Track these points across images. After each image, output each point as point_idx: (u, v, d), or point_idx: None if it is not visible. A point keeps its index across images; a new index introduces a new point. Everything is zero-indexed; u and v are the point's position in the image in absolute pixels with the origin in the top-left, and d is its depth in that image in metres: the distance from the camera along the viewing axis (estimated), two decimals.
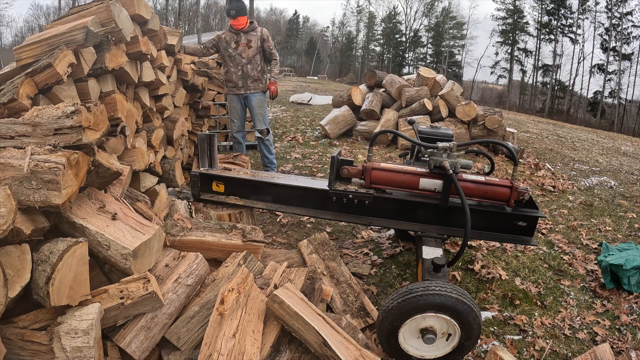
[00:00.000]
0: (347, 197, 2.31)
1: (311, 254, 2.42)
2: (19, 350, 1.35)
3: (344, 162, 2.38)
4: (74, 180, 1.45)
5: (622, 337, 2.33)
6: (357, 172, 2.35)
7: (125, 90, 2.54)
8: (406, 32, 47.99)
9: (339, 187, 2.32)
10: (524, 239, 2.25)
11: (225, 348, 1.45)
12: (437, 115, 6.80)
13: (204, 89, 4.48)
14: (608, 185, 5.51)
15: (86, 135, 1.55)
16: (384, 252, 3.14)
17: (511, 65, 41.07)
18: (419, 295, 1.73)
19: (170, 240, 2.00)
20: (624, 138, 12.60)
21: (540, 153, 7.28)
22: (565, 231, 3.78)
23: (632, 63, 33.83)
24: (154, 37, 2.87)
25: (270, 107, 10.50)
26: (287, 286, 1.76)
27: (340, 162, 2.37)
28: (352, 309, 2.21)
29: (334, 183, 2.33)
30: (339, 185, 2.35)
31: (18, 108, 1.73)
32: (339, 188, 2.32)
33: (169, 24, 33.35)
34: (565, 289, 2.81)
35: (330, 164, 2.30)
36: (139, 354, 1.54)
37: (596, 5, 35.24)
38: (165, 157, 3.21)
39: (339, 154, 2.37)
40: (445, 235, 2.41)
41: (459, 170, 2.15)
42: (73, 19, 2.24)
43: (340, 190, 2.30)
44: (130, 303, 1.48)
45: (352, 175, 2.36)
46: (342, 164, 2.37)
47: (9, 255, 1.30)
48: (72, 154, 1.42)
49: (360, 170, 2.36)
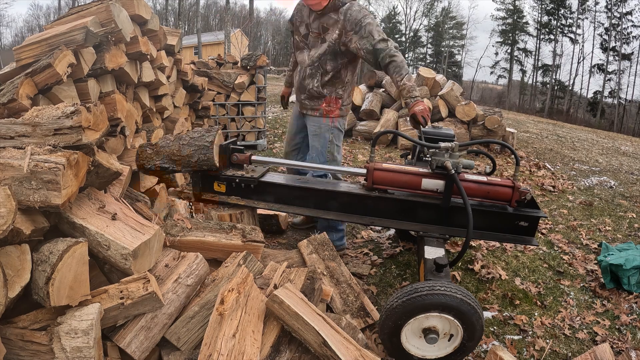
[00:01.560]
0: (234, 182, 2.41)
1: (311, 254, 2.42)
2: (19, 351, 1.35)
3: (235, 149, 2.51)
4: (74, 180, 1.44)
5: (622, 337, 2.33)
6: (245, 159, 2.48)
7: (125, 90, 2.54)
8: (406, 32, 48.02)
9: (229, 173, 2.43)
10: (525, 239, 2.25)
11: (225, 348, 1.44)
12: (437, 116, 6.80)
13: (203, 89, 4.48)
14: (608, 185, 5.51)
15: (86, 135, 1.55)
16: (384, 252, 3.14)
17: (511, 65, 41.10)
18: (424, 294, 1.73)
19: (170, 240, 2.00)
20: (623, 138, 12.60)
21: (540, 153, 7.28)
22: (565, 231, 3.78)
23: (631, 63, 33.88)
24: (154, 37, 2.87)
25: (270, 108, 10.49)
26: (287, 286, 1.76)
27: (232, 150, 2.50)
28: (352, 309, 2.21)
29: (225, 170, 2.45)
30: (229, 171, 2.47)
31: (18, 108, 1.73)
32: (228, 173, 2.43)
33: (169, 24, 33.33)
34: (565, 289, 2.81)
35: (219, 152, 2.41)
36: (138, 354, 1.54)
37: (596, 5, 35.28)
38: None
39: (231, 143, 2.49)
40: (447, 236, 2.41)
41: (461, 170, 2.14)
42: (73, 19, 2.24)
43: (229, 175, 2.41)
44: (130, 303, 1.48)
45: (242, 162, 2.50)
46: (234, 151, 2.50)
47: (8, 255, 1.29)
48: (71, 154, 1.42)
49: (247, 156, 2.48)
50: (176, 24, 31.28)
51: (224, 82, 5.85)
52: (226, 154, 2.46)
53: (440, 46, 46.33)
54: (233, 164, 2.52)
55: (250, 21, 30.81)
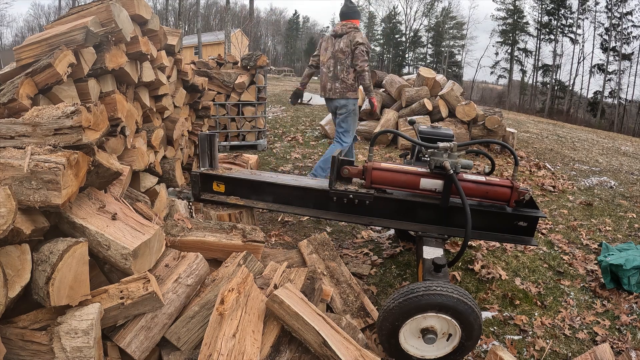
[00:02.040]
0: (347, 197, 2.30)
1: (311, 254, 2.42)
2: (19, 350, 1.35)
3: (344, 162, 2.38)
4: (74, 180, 1.45)
5: (622, 337, 2.33)
6: (357, 172, 2.35)
7: (125, 90, 2.54)
8: (406, 32, 48.02)
9: (340, 187, 2.32)
10: (524, 239, 2.25)
11: (225, 348, 1.45)
12: (437, 115, 6.80)
13: (204, 89, 4.48)
14: (608, 185, 5.51)
15: (86, 135, 1.55)
16: (384, 252, 3.14)
17: (511, 65, 41.09)
18: (420, 295, 1.73)
19: (170, 240, 2.00)
20: (624, 138, 12.59)
21: (540, 153, 7.28)
22: (565, 231, 3.78)
23: (632, 63, 33.87)
24: (154, 37, 2.87)
25: (270, 108, 10.50)
26: (287, 286, 1.76)
27: (340, 162, 2.37)
28: (352, 309, 2.21)
29: (334, 183, 2.33)
30: (339, 185, 2.35)
31: (18, 108, 1.73)
32: (339, 188, 2.31)
33: (169, 24, 33.35)
34: (565, 289, 2.81)
35: (331, 164, 2.29)
36: (139, 354, 1.54)
37: (596, 5, 35.27)
38: (165, 157, 3.21)
39: (340, 154, 2.37)
40: (445, 235, 2.42)
41: (460, 170, 2.15)
42: (73, 19, 2.24)
43: (341, 190, 2.30)
44: (130, 303, 1.48)
45: (353, 175, 2.36)
46: (343, 164, 2.37)
47: (9, 255, 1.30)
48: (72, 154, 1.42)
49: (360, 170, 2.35)
50: (176, 24, 31.30)
51: (224, 82, 5.85)
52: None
53: (440, 46, 46.33)
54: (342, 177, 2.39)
55: (251, 21, 30.81)
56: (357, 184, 2.38)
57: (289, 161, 5.61)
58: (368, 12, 50.33)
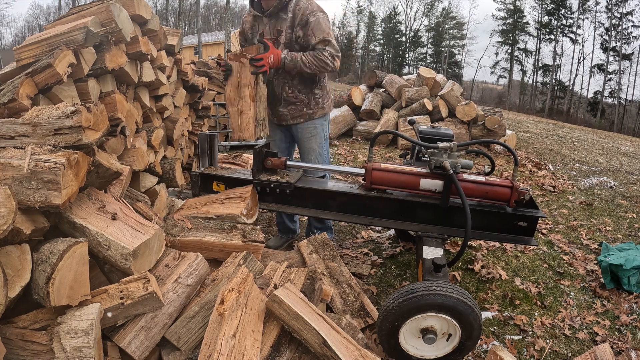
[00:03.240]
0: (269, 187, 2.42)
1: (311, 254, 2.42)
2: (19, 350, 1.35)
3: (268, 153, 2.55)
4: (74, 180, 1.45)
5: (622, 337, 2.33)
6: (280, 163, 2.50)
7: (125, 90, 2.54)
8: (406, 32, 48.02)
9: (263, 178, 2.45)
10: (524, 239, 2.25)
11: (225, 348, 1.45)
12: (437, 115, 6.80)
13: (204, 89, 4.48)
14: (608, 185, 5.51)
15: (86, 135, 1.55)
16: (384, 252, 3.14)
17: (511, 65, 41.09)
18: (420, 295, 1.73)
19: (170, 240, 2.00)
20: (624, 138, 12.59)
21: (541, 153, 7.28)
22: (565, 231, 3.78)
23: (632, 63, 33.88)
24: (154, 37, 2.87)
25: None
26: (287, 286, 1.76)
27: (265, 154, 2.53)
28: (352, 309, 2.21)
29: (258, 174, 2.46)
30: (263, 176, 2.49)
31: (18, 108, 1.73)
32: (262, 178, 2.45)
33: (169, 24, 33.32)
34: (565, 289, 2.81)
35: (254, 157, 2.43)
36: (139, 354, 1.54)
37: (596, 5, 35.28)
38: (165, 157, 3.21)
39: (264, 147, 2.53)
40: (445, 236, 2.41)
41: (460, 170, 2.15)
42: (73, 19, 2.24)
43: (264, 180, 2.43)
44: (130, 303, 1.48)
45: (276, 166, 2.52)
46: (267, 155, 2.53)
47: (9, 255, 1.30)
48: (72, 154, 1.42)
49: (282, 161, 2.50)
50: (176, 24, 31.28)
51: (224, 83, 5.85)
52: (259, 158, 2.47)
53: (440, 46, 46.32)
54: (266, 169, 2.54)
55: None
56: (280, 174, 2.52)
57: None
58: (368, 12, 50.37)
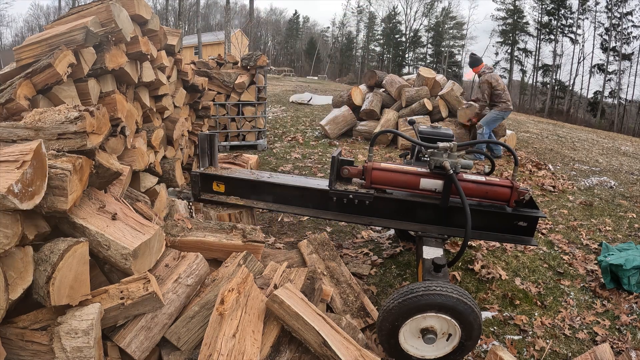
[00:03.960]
0: (347, 198, 2.31)
1: (311, 254, 2.42)
2: (19, 351, 1.35)
3: (344, 162, 2.39)
4: (79, 185, 1.45)
5: (622, 337, 2.33)
6: (357, 172, 2.36)
7: (125, 90, 2.54)
8: (406, 32, 48.01)
9: (340, 187, 2.33)
10: (524, 239, 2.25)
11: (225, 348, 1.45)
12: (437, 116, 6.80)
13: (204, 89, 4.48)
14: (608, 185, 5.51)
15: (90, 140, 1.55)
16: (384, 252, 3.14)
17: (511, 65, 41.08)
18: (419, 295, 1.73)
19: (170, 240, 2.00)
20: (624, 138, 12.59)
21: (541, 153, 7.28)
22: (565, 231, 3.78)
23: (632, 63, 33.86)
24: (154, 37, 2.87)
25: (270, 108, 10.49)
26: (287, 286, 1.76)
27: (340, 162, 2.38)
28: (352, 309, 2.21)
29: (334, 183, 2.33)
30: (339, 185, 2.36)
31: (16, 109, 1.73)
32: (339, 188, 2.32)
33: (169, 24, 33.29)
34: (565, 289, 2.81)
35: (331, 164, 2.30)
36: (139, 354, 1.54)
37: (596, 5, 35.26)
38: (165, 157, 3.21)
39: (340, 154, 2.38)
40: (445, 235, 2.41)
41: (460, 170, 2.15)
42: (73, 19, 2.24)
43: (341, 190, 2.30)
44: (131, 303, 1.48)
45: (353, 176, 2.37)
46: (343, 164, 2.38)
47: (12, 257, 1.30)
48: (76, 159, 1.42)
49: (360, 170, 2.36)
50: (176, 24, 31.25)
51: (224, 82, 5.85)
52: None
53: (440, 46, 46.31)
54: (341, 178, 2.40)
55: (250, 21, 30.80)
56: (357, 184, 2.38)
57: (289, 161, 5.60)
58: (368, 12, 50.35)
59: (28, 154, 1.22)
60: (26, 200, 1.22)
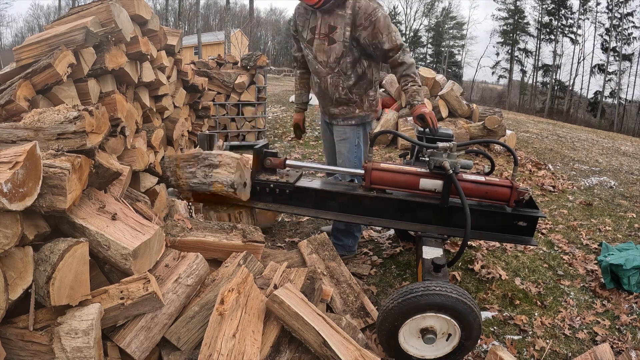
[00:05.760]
0: (269, 187, 2.41)
1: (311, 254, 2.42)
2: (19, 351, 1.35)
3: (268, 153, 2.51)
4: (78, 184, 1.45)
5: (622, 337, 2.34)
6: (279, 163, 2.47)
7: (125, 90, 2.54)
8: (406, 32, 47.99)
9: (263, 178, 2.44)
10: (524, 239, 2.25)
11: (225, 348, 1.45)
12: (437, 116, 6.80)
13: (204, 89, 4.49)
14: (608, 185, 5.51)
15: (90, 140, 1.55)
16: (384, 252, 3.14)
17: (511, 65, 41.09)
18: (419, 295, 1.73)
19: (170, 240, 2.00)
20: (623, 138, 12.59)
21: (540, 153, 7.28)
22: (565, 231, 3.78)
23: (632, 63, 33.87)
24: (154, 37, 2.87)
25: (270, 108, 10.49)
26: (287, 286, 1.76)
27: (264, 154, 2.50)
28: (352, 309, 2.21)
29: (257, 174, 2.45)
30: (263, 175, 2.47)
31: (15, 110, 1.73)
32: (262, 178, 2.43)
33: (169, 24, 33.33)
34: (565, 289, 2.81)
35: (253, 156, 2.42)
36: (139, 354, 1.54)
37: (597, 6, 35.27)
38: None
39: (264, 147, 2.50)
40: (445, 235, 2.41)
41: (459, 170, 2.15)
42: (73, 19, 2.24)
43: (263, 180, 2.42)
44: (131, 303, 1.48)
45: (276, 166, 2.49)
46: (267, 155, 2.50)
47: (12, 257, 1.30)
48: (75, 158, 1.42)
49: (282, 160, 2.47)
50: (176, 24, 31.29)
51: (224, 82, 5.86)
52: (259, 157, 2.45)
53: (440, 46, 46.32)
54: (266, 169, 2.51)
55: (250, 21, 30.81)
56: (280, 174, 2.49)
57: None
58: None
59: (21, 154, 1.21)
60: (16, 201, 1.19)
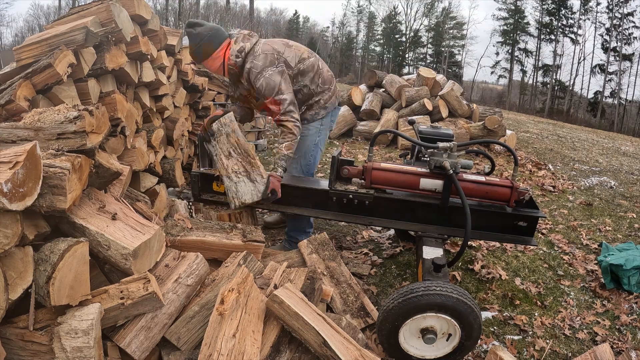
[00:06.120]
0: (347, 197, 2.31)
1: (311, 254, 2.42)
2: (19, 351, 1.35)
3: (344, 162, 2.39)
4: (78, 184, 1.45)
5: (622, 337, 2.33)
6: (357, 172, 2.36)
7: (125, 90, 2.54)
8: (406, 32, 47.97)
9: (339, 187, 2.33)
10: (524, 239, 2.25)
11: (225, 348, 1.45)
12: (437, 116, 6.80)
13: (204, 89, 4.49)
14: (608, 185, 5.51)
15: (90, 139, 1.55)
16: (384, 252, 3.14)
17: (511, 65, 41.06)
18: (419, 295, 1.73)
19: (170, 240, 2.00)
20: (624, 138, 12.59)
21: (541, 153, 7.28)
22: (565, 231, 3.78)
23: (632, 63, 33.84)
24: (154, 37, 2.87)
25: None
26: (287, 286, 1.76)
27: (340, 162, 2.38)
28: (352, 309, 2.21)
29: (334, 183, 2.33)
30: (339, 185, 2.36)
31: (15, 109, 1.73)
32: (339, 188, 2.32)
33: (169, 24, 33.30)
34: (565, 289, 2.81)
35: (331, 164, 2.30)
36: (139, 354, 1.54)
37: (597, 6, 35.24)
38: (165, 157, 3.21)
39: (340, 154, 2.38)
40: (445, 235, 2.41)
41: (459, 170, 2.15)
42: (73, 19, 2.24)
43: (341, 190, 2.31)
44: (131, 303, 1.48)
45: (352, 175, 2.37)
46: (343, 163, 2.38)
47: (12, 257, 1.30)
48: (75, 157, 1.42)
49: (360, 170, 2.36)
50: (176, 24, 31.26)
51: (225, 82, 5.85)
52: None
53: (440, 46, 46.30)
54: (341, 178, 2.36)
55: (250, 21, 30.81)
56: (357, 184, 2.38)
57: None
58: (368, 12, 50.34)
59: (22, 154, 1.21)
60: (16, 201, 1.19)
